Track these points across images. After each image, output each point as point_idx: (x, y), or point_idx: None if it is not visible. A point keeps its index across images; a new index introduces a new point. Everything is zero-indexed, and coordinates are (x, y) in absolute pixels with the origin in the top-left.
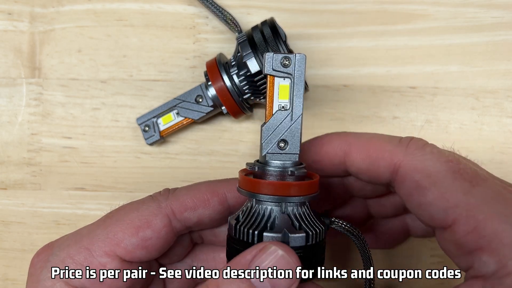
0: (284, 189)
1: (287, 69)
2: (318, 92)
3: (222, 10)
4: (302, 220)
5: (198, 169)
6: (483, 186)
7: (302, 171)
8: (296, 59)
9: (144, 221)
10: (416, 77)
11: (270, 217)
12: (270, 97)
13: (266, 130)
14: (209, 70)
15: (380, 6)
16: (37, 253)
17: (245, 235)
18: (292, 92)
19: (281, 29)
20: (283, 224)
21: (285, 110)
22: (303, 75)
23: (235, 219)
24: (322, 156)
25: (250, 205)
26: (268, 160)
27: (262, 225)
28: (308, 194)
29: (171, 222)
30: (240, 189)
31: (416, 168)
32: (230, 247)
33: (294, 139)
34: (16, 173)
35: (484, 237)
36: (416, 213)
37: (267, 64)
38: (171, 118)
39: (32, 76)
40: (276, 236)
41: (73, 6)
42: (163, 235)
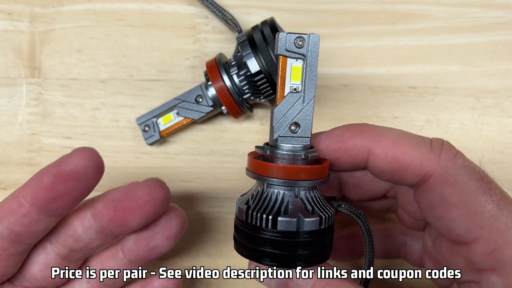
0: (298, 173)
1: (301, 49)
2: (318, 92)
3: (222, 10)
4: (315, 204)
5: (198, 169)
6: (509, 211)
7: (315, 154)
8: (311, 39)
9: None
10: (416, 77)
11: (283, 201)
12: (282, 78)
13: (277, 112)
14: (209, 70)
15: (380, 6)
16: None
17: (258, 220)
18: (305, 73)
19: (281, 29)
20: (297, 209)
21: (297, 92)
22: (316, 56)
23: (245, 203)
24: (342, 154)
25: (261, 189)
26: (279, 144)
27: (276, 209)
28: (320, 178)
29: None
30: (250, 172)
31: (447, 182)
32: (240, 231)
33: (306, 122)
34: (16, 173)
35: (499, 261)
36: (434, 223)
37: (280, 44)
38: (171, 118)
39: (32, 76)
40: (291, 221)
41: (73, 6)
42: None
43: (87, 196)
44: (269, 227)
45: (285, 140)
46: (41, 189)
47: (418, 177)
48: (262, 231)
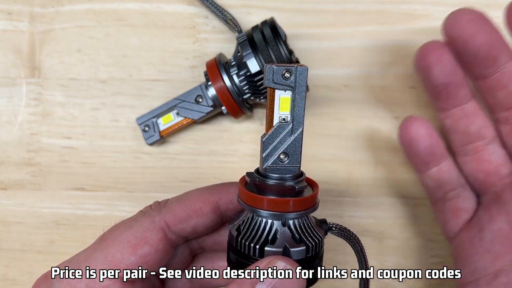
0: (285, 206)
1: (288, 81)
2: (318, 92)
3: (222, 10)
4: (302, 232)
5: (198, 169)
6: None
7: (302, 185)
8: (298, 71)
9: (140, 238)
10: (417, 77)
11: (271, 230)
12: (271, 109)
13: (267, 142)
14: (209, 70)
15: (380, 6)
16: (35, 285)
17: (246, 249)
18: (293, 104)
19: (281, 29)
20: (284, 239)
21: (286, 123)
22: (304, 88)
23: (236, 229)
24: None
25: (250, 216)
26: (268, 174)
27: (263, 239)
28: (307, 209)
29: (166, 235)
30: (241, 201)
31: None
32: (231, 256)
33: (295, 152)
34: (15, 173)
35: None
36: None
37: (268, 76)
38: (171, 118)
39: (32, 76)
40: (277, 251)
41: (73, 6)
42: (161, 248)
43: None
44: (257, 256)
45: (274, 170)
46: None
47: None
48: (251, 259)
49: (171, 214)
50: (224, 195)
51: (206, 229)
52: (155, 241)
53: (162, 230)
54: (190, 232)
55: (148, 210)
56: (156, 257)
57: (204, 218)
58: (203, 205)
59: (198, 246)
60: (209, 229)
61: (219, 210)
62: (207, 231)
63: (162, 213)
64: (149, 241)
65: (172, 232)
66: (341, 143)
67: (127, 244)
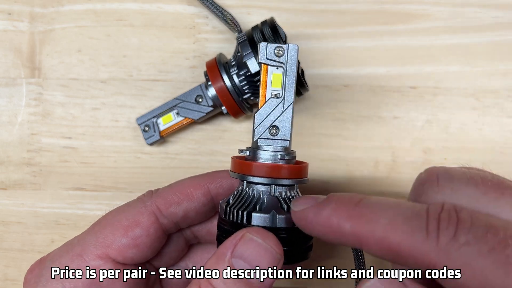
0: (273, 171)
1: (280, 58)
2: (318, 92)
3: (222, 10)
4: (290, 202)
5: (198, 169)
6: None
7: (292, 155)
8: (289, 49)
9: (132, 220)
10: (416, 77)
11: (259, 199)
12: (263, 85)
13: (258, 116)
14: (209, 70)
15: (380, 6)
16: (30, 269)
17: (234, 216)
18: (284, 80)
19: (281, 29)
20: (272, 206)
21: (277, 98)
22: (295, 65)
23: (226, 201)
24: (331, 237)
25: (241, 188)
26: (259, 145)
27: (252, 206)
28: (296, 178)
29: (158, 218)
30: (232, 172)
31: (454, 267)
32: (220, 229)
33: (285, 126)
34: (16, 173)
35: None
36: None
37: (261, 53)
38: (171, 118)
39: (32, 76)
40: (264, 216)
41: (73, 6)
42: (152, 232)
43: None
44: (244, 222)
45: (265, 142)
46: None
47: (421, 267)
48: (240, 226)
49: (162, 198)
50: (214, 180)
51: (197, 214)
52: (147, 224)
53: (154, 214)
54: (182, 216)
55: (141, 196)
56: (148, 240)
57: (195, 202)
58: (193, 189)
59: (193, 235)
60: (201, 215)
61: (210, 195)
62: (199, 217)
63: (154, 198)
64: (140, 224)
65: (164, 217)
66: (341, 143)
67: (119, 226)
